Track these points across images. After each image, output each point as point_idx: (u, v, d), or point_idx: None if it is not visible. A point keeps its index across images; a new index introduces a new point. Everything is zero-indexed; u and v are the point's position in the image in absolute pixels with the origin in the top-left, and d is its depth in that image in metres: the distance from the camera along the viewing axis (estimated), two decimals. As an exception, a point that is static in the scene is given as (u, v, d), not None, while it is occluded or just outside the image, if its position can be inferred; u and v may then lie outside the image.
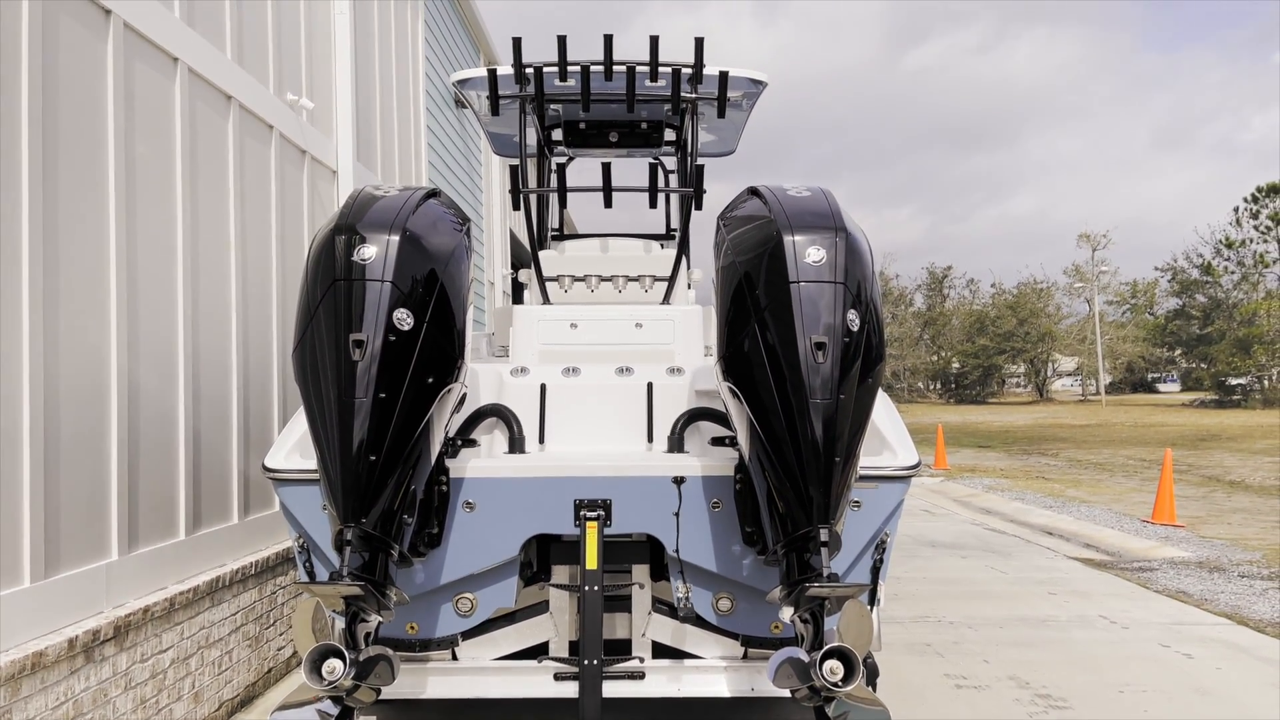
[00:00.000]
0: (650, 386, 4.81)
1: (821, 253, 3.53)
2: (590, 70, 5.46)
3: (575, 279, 5.82)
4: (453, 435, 4.25)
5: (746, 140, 6.72)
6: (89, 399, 4.34)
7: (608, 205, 6.56)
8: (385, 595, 3.49)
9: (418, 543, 3.92)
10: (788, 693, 3.48)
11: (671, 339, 5.25)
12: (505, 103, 5.75)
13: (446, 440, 4.01)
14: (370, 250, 3.52)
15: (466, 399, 4.40)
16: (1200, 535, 11.78)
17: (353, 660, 3.32)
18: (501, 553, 4.12)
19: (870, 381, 3.52)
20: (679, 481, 4.11)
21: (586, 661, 3.90)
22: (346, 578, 3.36)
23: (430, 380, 3.58)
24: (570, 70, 5.48)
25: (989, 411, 53.81)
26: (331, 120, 7.65)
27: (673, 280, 5.79)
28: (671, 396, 4.78)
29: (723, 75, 5.62)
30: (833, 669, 3.25)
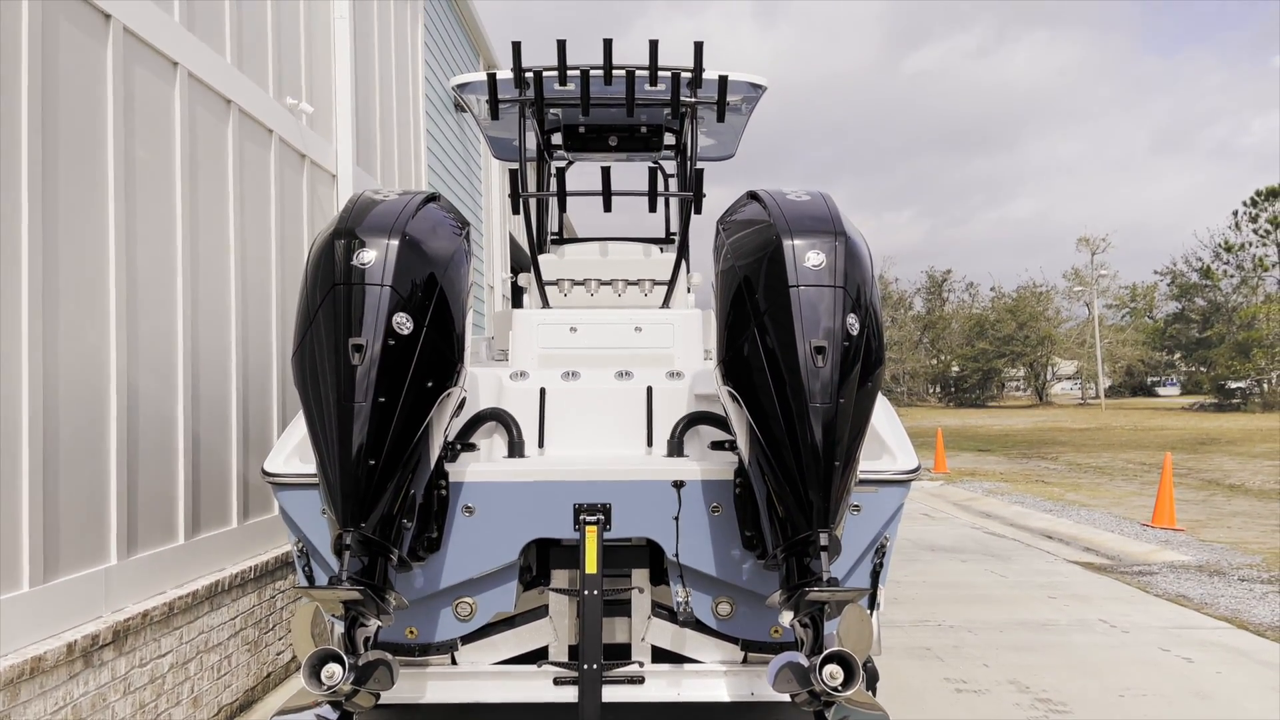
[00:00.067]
0: (650, 390, 4.80)
1: (821, 257, 3.53)
2: (590, 74, 5.45)
3: (575, 283, 5.81)
4: (452, 439, 4.25)
5: (746, 144, 6.73)
6: (88, 402, 4.34)
7: (607, 209, 6.56)
8: (384, 600, 3.48)
9: (417, 547, 3.91)
10: (788, 697, 3.48)
11: (671, 343, 5.24)
12: (505, 107, 5.75)
13: (446, 444, 4.01)
14: (370, 254, 3.52)
15: (466, 403, 4.40)
16: (1200, 539, 11.77)
17: (352, 665, 3.32)
18: (501, 557, 4.12)
19: (870, 385, 3.51)
20: (678, 486, 4.10)
21: (586, 666, 3.89)
22: (346, 582, 3.36)
23: (430, 384, 3.57)
24: (570, 74, 5.48)
25: (988, 415, 53.79)
26: (331, 124, 7.66)
27: (672, 284, 5.78)
28: (671, 400, 4.77)
29: (722, 79, 5.61)
30: (833, 673, 3.25)
